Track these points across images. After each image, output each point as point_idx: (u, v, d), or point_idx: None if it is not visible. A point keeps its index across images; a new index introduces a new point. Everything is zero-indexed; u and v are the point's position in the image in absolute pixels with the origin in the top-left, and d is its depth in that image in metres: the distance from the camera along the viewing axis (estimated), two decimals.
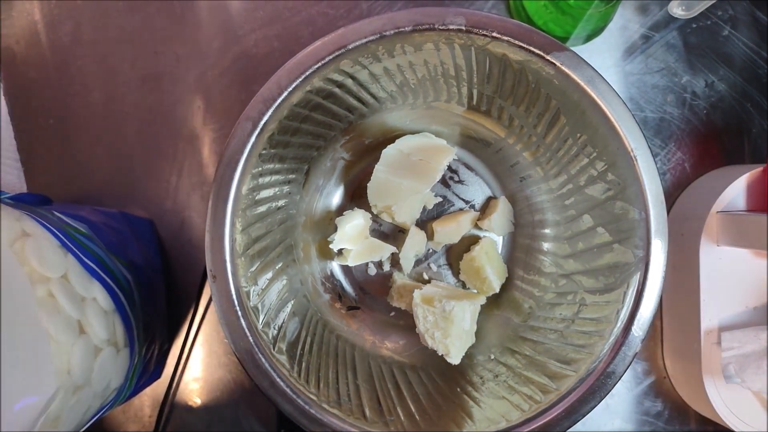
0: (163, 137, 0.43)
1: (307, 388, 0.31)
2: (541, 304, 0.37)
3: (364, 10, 0.43)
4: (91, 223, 0.35)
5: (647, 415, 0.43)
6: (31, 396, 0.25)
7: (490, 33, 0.29)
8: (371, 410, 0.32)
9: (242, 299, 0.30)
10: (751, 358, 0.36)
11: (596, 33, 0.41)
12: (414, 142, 0.38)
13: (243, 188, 0.30)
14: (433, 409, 0.33)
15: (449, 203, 0.42)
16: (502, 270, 0.40)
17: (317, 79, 0.30)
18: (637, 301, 0.30)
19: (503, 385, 0.34)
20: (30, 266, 0.27)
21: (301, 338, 0.35)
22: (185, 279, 0.43)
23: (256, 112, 0.30)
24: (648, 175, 0.30)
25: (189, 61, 0.43)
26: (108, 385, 0.31)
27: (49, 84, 0.43)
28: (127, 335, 0.33)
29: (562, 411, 0.30)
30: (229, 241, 0.30)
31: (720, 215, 0.38)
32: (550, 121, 0.33)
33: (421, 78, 0.34)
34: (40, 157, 0.43)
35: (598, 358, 0.30)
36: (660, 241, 0.30)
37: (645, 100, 0.43)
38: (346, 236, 0.38)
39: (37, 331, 0.26)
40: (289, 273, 0.37)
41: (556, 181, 0.36)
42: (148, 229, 0.42)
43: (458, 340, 0.34)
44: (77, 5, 0.43)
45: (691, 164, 0.43)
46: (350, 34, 0.30)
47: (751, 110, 0.44)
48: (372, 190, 0.38)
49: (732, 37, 0.43)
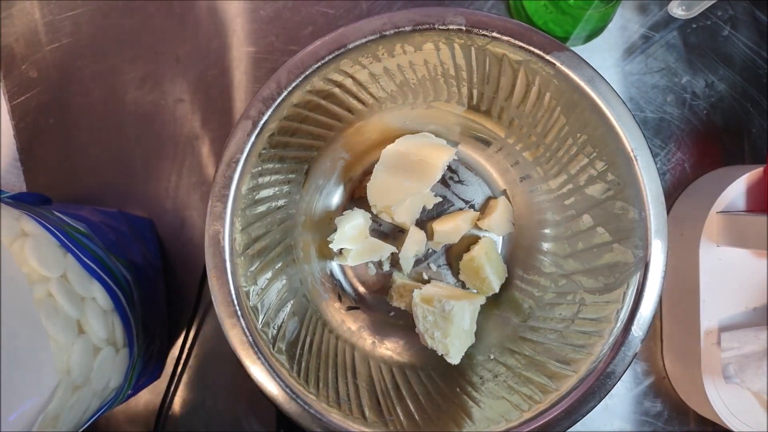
0: (163, 137, 0.43)
1: (307, 388, 0.31)
2: (540, 304, 0.37)
3: (364, 10, 0.43)
4: (91, 222, 0.35)
5: (647, 416, 0.43)
6: (31, 395, 0.25)
7: (490, 33, 0.29)
8: (371, 410, 0.32)
9: (242, 299, 0.30)
10: (750, 359, 0.36)
11: (596, 33, 0.41)
12: (414, 142, 0.38)
13: (243, 188, 0.30)
14: (433, 409, 0.33)
15: (449, 203, 0.42)
16: (502, 270, 0.40)
17: (317, 79, 0.30)
18: (636, 301, 0.30)
19: (503, 385, 0.34)
20: (29, 266, 0.27)
21: (301, 338, 0.35)
22: (185, 279, 0.43)
23: (256, 112, 0.30)
24: (648, 175, 0.30)
25: (189, 61, 0.43)
26: (107, 385, 0.31)
27: (49, 84, 0.43)
28: (127, 335, 0.33)
29: (562, 411, 0.30)
30: (229, 241, 0.30)
31: (720, 215, 0.38)
32: (550, 121, 0.33)
33: (421, 78, 0.34)
34: (40, 157, 0.43)
35: (598, 358, 0.30)
36: (660, 241, 0.30)
37: (645, 100, 0.43)
38: (345, 236, 0.38)
39: (37, 330, 0.26)
40: (288, 273, 0.37)
41: (556, 181, 0.36)
42: (148, 229, 0.42)
43: (458, 340, 0.34)
44: (77, 5, 0.43)
45: (691, 164, 0.43)
46: (350, 33, 0.30)
47: (751, 110, 0.44)
48: (372, 189, 0.38)
49: (732, 37, 0.43)
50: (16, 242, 0.28)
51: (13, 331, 0.25)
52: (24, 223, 0.29)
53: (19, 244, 0.28)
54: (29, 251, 0.28)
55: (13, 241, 0.28)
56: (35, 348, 0.26)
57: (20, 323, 0.25)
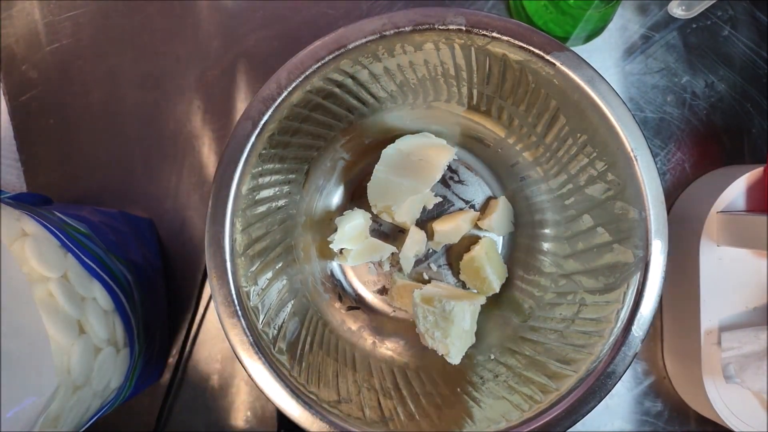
0: (163, 137, 0.43)
1: (307, 388, 0.31)
2: (541, 304, 0.37)
3: (364, 11, 0.43)
4: (91, 222, 0.35)
5: (647, 416, 0.43)
6: (31, 396, 0.25)
7: (490, 33, 0.29)
8: (371, 410, 0.32)
9: (242, 299, 0.30)
10: (751, 359, 0.36)
11: (596, 33, 0.41)
12: (414, 142, 0.38)
13: (243, 188, 0.30)
14: (433, 409, 0.33)
15: (449, 203, 0.42)
16: (502, 270, 0.40)
17: (317, 79, 0.30)
18: (637, 301, 0.30)
19: (503, 385, 0.34)
20: (29, 266, 0.27)
21: (301, 338, 0.35)
22: (185, 279, 0.43)
23: (256, 112, 0.30)
24: (648, 176, 0.30)
25: (189, 61, 0.43)
26: (108, 385, 0.31)
27: (49, 84, 0.43)
28: (127, 335, 0.33)
29: (562, 411, 0.30)
30: (229, 241, 0.30)
31: (720, 215, 0.38)
32: (550, 121, 0.33)
33: (421, 78, 0.34)
34: (40, 157, 0.43)
35: (598, 358, 0.30)
36: (660, 241, 0.30)
37: (645, 101, 0.43)
38: (346, 236, 0.38)
39: (37, 330, 0.26)
40: (289, 273, 0.37)
41: (556, 181, 0.36)
42: (148, 229, 0.42)
43: (458, 340, 0.34)
44: (77, 5, 0.43)
45: (691, 164, 0.43)
46: (350, 33, 0.30)
47: (751, 110, 0.44)
48: (372, 190, 0.38)
49: (732, 37, 0.43)
50: (16, 242, 0.28)
51: (14, 331, 0.25)
52: (24, 223, 0.29)
53: (19, 244, 0.28)
54: (30, 251, 0.28)
55: (14, 241, 0.28)
56: (36, 348, 0.26)
57: (21, 323, 0.25)
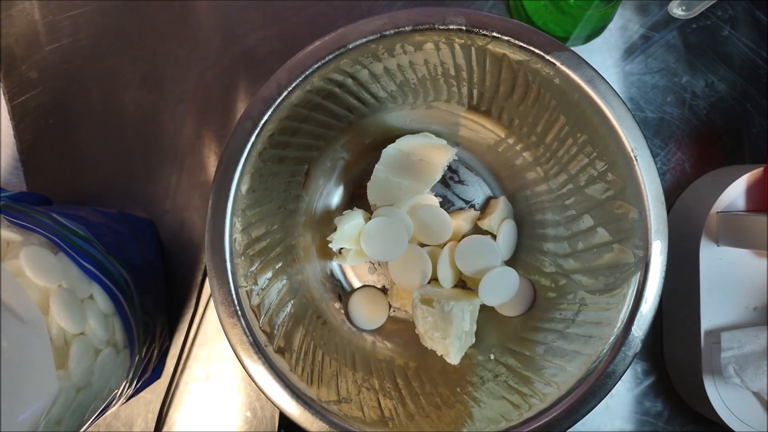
0: (163, 137, 0.43)
1: (307, 388, 0.31)
2: (540, 303, 0.37)
3: (364, 10, 0.43)
4: (90, 224, 0.35)
5: (647, 415, 0.43)
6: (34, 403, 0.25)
7: (490, 33, 0.29)
8: (371, 410, 0.32)
9: (242, 299, 0.30)
10: (750, 359, 0.36)
11: (596, 33, 0.41)
12: (414, 142, 0.38)
13: (243, 188, 0.30)
14: (433, 409, 0.33)
15: (449, 203, 0.42)
16: None
17: (317, 79, 0.30)
18: (637, 301, 0.30)
19: (503, 385, 0.34)
20: (26, 277, 0.27)
21: (301, 338, 0.35)
22: (185, 279, 0.43)
23: (256, 112, 0.30)
24: (648, 175, 0.30)
25: (189, 61, 0.43)
26: (108, 386, 0.31)
27: (49, 84, 0.43)
28: (127, 336, 0.33)
29: (562, 411, 0.30)
30: (229, 241, 0.30)
31: (720, 215, 0.38)
32: (550, 121, 0.33)
33: (421, 78, 0.34)
34: (40, 157, 0.43)
35: (598, 358, 0.30)
36: (660, 241, 0.30)
37: (645, 100, 0.43)
38: (345, 236, 0.38)
39: (38, 333, 0.26)
40: (289, 273, 0.37)
41: (556, 181, 0.36)
42: (148, 230, 0.42)
43: (458, 341, 0.34)
44: (77, 5, 0.43)
45: (691, 164, 0.43)
46: (350, 33, 0.30)
47: (751, 110, 0.44)
48: (372, 190, 0.38)
49: (732, 37, 0.43)
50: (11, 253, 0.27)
51: (14, 334, 0.25)
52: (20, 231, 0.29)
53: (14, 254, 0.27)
54: (24, 261, 0.27)
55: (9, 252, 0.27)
56: (36, 351, 0.26)
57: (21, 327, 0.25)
